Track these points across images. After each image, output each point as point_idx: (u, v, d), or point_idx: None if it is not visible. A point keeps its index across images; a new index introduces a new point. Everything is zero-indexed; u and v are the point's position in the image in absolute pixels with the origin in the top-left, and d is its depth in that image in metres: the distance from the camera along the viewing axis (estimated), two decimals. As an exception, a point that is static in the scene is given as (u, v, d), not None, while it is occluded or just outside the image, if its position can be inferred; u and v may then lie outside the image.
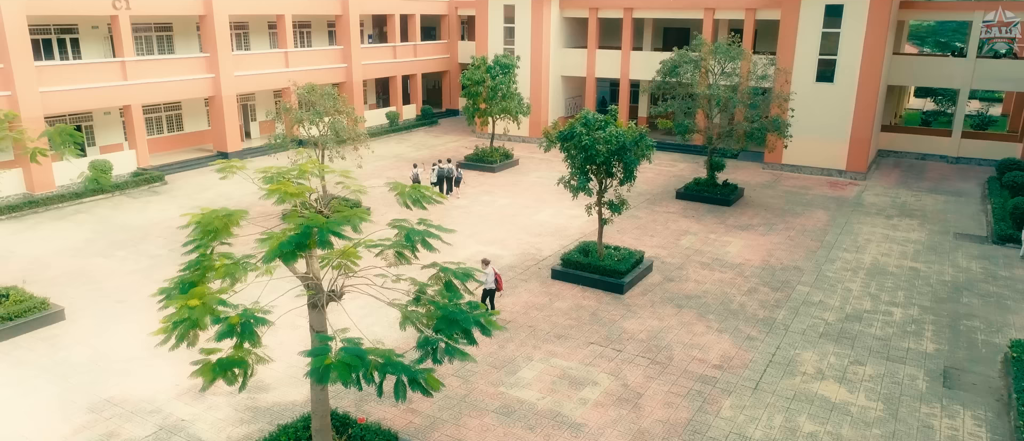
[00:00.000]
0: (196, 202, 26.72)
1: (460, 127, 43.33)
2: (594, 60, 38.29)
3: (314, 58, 37.52)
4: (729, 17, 34.77)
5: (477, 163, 32.18)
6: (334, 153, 23.99)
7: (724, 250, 21.87)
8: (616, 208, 18.55)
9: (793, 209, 26.45)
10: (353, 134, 23.32)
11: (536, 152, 36.49)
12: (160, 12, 30.34)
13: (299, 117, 22.70)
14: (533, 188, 29.21)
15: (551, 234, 23.23)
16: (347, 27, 38.59)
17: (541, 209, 26.13)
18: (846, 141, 30.84)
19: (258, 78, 34.44)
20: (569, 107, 41.41)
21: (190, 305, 8.76)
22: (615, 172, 18.29)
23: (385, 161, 34.14)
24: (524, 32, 37.68)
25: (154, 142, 33.35)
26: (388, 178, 30.66)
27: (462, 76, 31.77)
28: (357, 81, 39.60)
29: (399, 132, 41.54)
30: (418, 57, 44.36)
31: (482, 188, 29.17)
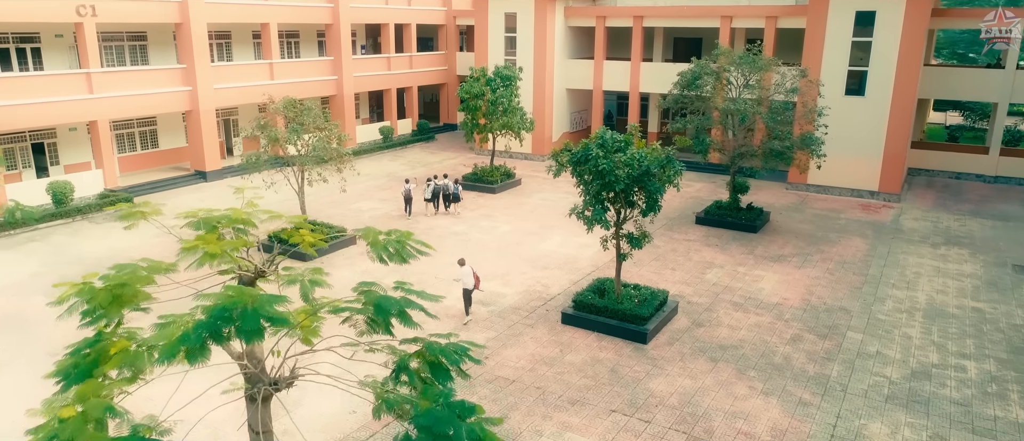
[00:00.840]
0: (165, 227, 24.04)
1: (458, 143, 40.79)
2: (601, 72, 35.81)
3: (302, 70, 35.03)
4: (747, 26, 32.32)
5: (476, 183, 29.60)
6: (315, 174, 21.38)
7: (757, 286, 19.22)
8: (636, 242, 15.93)
9: (827, 236, 23.82)
10: (336, 153, 20.72)
11: (540, 170, 33.91)
12: (130, 20, 27.85)
13: (274, 136, 20.12)
14: (538, 211, 26.60)
15: (560, 267, 20.59)
16: (338, 37, 36.15)
17: (547, 236, 23.51)
18: (879, 160, 28.27)
19: (240, 91, 31.93)
20: (574, 122, 38.89)
21: (63, 417, 6.12)
22: (636, 201, 15.70)
23: (377, 180, 31.55)
24: (526, 42, 35.23)
25: (127, 160, 30.77)
26: (379, 199, 28.05)
27: (459, 89, 29.26)
28: (348, 94, 37.11)
29: (393, 148, 39.00)
30: (414, 69, 41.92)
31: (481, 211, 26.56)
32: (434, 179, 27.03)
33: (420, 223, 25.01)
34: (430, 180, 26.81)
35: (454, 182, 27.07)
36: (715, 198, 27.32)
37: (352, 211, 26.43)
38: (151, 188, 29.26)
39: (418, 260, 8.47)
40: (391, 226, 23.88)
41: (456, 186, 26.61)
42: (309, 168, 20.55)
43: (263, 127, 20.58)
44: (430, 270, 19.53)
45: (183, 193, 29.01)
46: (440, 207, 26.81)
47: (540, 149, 36.06)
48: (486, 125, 29.43)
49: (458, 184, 26.94)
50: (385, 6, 39.33)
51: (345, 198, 27.90)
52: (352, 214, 26.03)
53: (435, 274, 19.51)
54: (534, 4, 34.42)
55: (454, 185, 26.64)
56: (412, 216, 26.44)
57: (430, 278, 19.32)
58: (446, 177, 27.70)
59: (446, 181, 27.02)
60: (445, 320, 16.41)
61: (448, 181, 27.16)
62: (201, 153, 30.76)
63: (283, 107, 20.60)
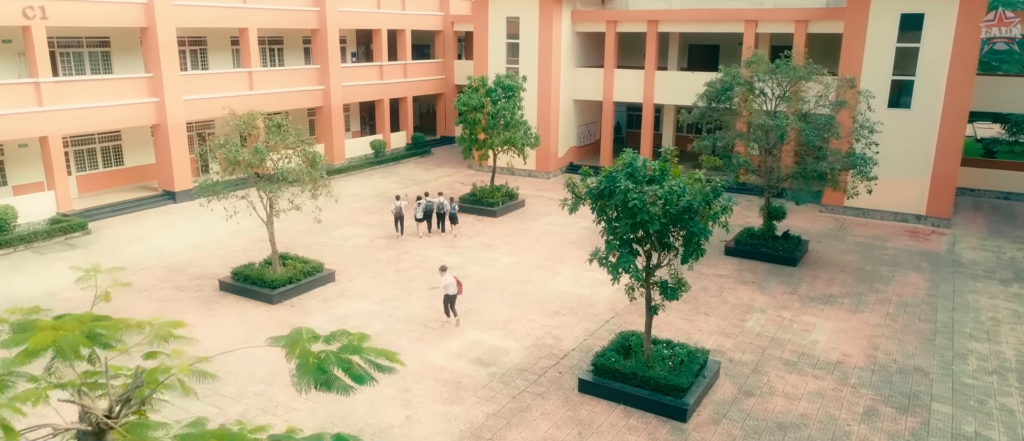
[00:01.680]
0: (117, 257, 21.01)
1: (456, 158, 37.74)
2: (612, 81, 32.80)
3: (285, 79, 32.03)
4: (774, 31, 29.32)
5: (475, 205, 26.51)
6: (286, 202, 18.30)
7: (809, 338, 16.10)
8: (672, 293, 12.84)
9: (877, 270, 20.71)
10: (308, 176, 17.63)
11: (545, 189, 30.83)
12: (87, 23, 24.85)
13: (233, 156, 17.03)
14: (545, 239, 23.50)
15: (572, 311, 17.47)
16: (324, 43, 33.17)
17: (556, 270, 20.40)
18: (926, 180, 25.20)
19: (215, 103, 28.89)
20: (582, 136, 35.85)
21: None
22: (673, 243, 12.63)
23: (365, 201, 28.46)
24: (530, 49, 32.24)
25: (88, 179, 27.72)
26: (365, 224, 24.94)
27: (456, 101, 26.24)
28: (336, 105, 34.10)
29: (385, 164, 35.94)
30: (409, 78, 38.93)
31: (481, 239, 23.45)
32: (425, 196, 24.35)
33: (410, 249, 21.92)
34: (421, 198, 24.11)
35: (450, 200, 24.11)
36: (745, 224, 24.23)
37: (334, 239, 23.34)
38: (112, 211, 26.18)
39: (403, 276, 5.26)
40: (378, 257, 20.79)
41: (453, 205, 23.77)
42: (276, 194, 17.44)
43: (221, 147, 17.49)
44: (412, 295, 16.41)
45: (147, 217, 25.92)
46: (433, 227, 24.08)
47: (545, 166, 33.01)
48: (486, 141, 26.39)
49: (454, 203, 24.10)
50: (377, 10, 36.38)
51: (328, 222, 24.83)
52: (334, 242, 22.94)
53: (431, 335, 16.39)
54: (539, 7, 31.46)
55: (450, 203, 23.72)
56: (403, 236, 23.83)
57: (428, 335, 16.22)
58: (441, 194, 24.72)
59: (441, 199, 24.09)
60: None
61: (443, 199, 24.19)
62: (169, 171, 27.70)
63: (243, 123, 17.50)
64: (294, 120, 35.70)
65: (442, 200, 23.94)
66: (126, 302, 17.66)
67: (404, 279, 19.57)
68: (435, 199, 24.06)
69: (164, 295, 18.36)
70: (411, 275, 19.88)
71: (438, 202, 23.92)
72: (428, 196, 24.74)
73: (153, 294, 18.41)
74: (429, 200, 24.07)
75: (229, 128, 17.64)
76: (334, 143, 34.30)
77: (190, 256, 21.43)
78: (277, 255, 18.61)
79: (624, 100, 33.29)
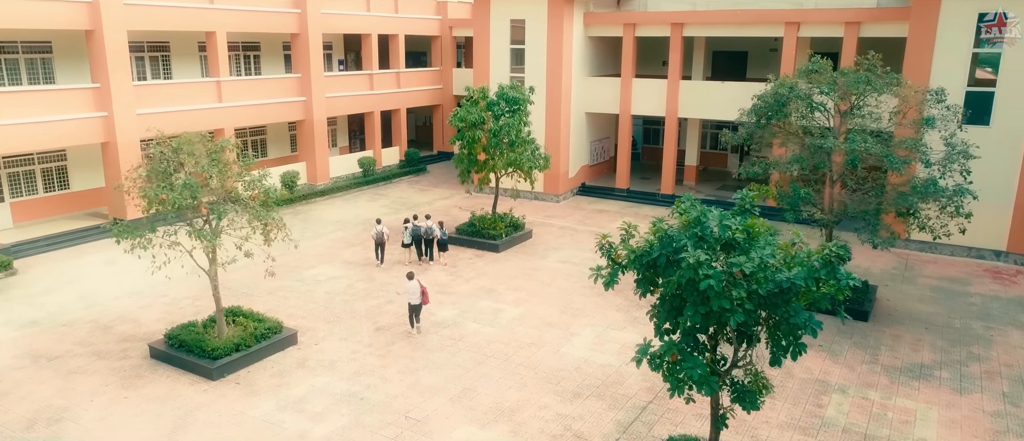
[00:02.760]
0: (37, 307, 17.17)
1: (455, 177, 33.90)
2: (630, 92, 28.97)
3: (260, 89, 28.25)
4: (819, 34, 25.48)
5: (473, 237, 22.66)
6: (235, 246, 14.42)
7: (913, 436, 12.17)
8: (751, 402, 8.96)
9: (969, 327, 16.78)
10: (259, 215, 13.74)
11: (554, 214, 26.94)
12: (22, 25, 21.08)
13: (151, 192, 13.15)
14: (557, 281, 19.61)
15: (597, 393, 13.55)
16: (306, 49, 29.41)
17: (573, 328, 16.50)
18: (1008, 210, 21.30)
19: (177, 117, 25.15)
20: (595, 153, 32.01)
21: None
22: (759, 336, 8.77)
23: (347, 230, 24.58)
24: (538, 55, 28.44)
25: (25, 206, 23.91)
26: (344, 260, 21.05)
27: (452, 116, 22.41)
28: (319, 119, 30.31)
29: (375, 184, 32.13)
30: (402, 88, 35.15)
31: (481, 282, 19.56)
32: (413, 220, 21.45)
33: (393, 295, 18.02)
34: (408, 221, 21.27)
35: (439, 225, 21.27)
36: (794, 262, 20.30)
37: (305, 281, 19.47)
38: (49, 245, 22.37)
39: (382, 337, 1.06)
40: (354, 308, 17.15)
41: (442, 230, 21.20)
42: (207, 242, 13.48)
43: (150, 176, 13.61)
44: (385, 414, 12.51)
45: (88, 252, 22.10)
46: (422, 254, 21.30)
47: (554, 188, 29.14)
48: (487, 162, 22.55)
49: (443, 227, 21.46)
50: (366, 13, 32.65)
51: (301, 258, 21.00)
52: (304, 287, 19.07)
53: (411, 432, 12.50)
54: (547, 9, 27.69)
55: (439, 228, 21.11)
56: (384, 265, 20.77)
57: (407, 432, 12.32)
58: (428, 218, 21.49)
59: (429, 223, 21.12)
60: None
61: (430, 223, 21.15)
62: (121, 196, 23.85)
63: (174, 150, 13.56)
64: (274, 136, 31.97)
65: (430, 225, 21.03)
66: (24, 376, 13.80)
67: (383, 341, 15.69)
68: (423, 224, 21.13)
69: (78, 365, 14.49)
70: (392, 335, 16.00)
71: (426, 227, 20.97)
72: (416, 220, 21.44)
73: (64, 364, 14.53)
74: (417, 225, 21.13)
75: (154, 154, 13.74)
76: (317, 161, 30.51)
77: (125, 307, 17.56)
78: (222, 314, 14.72)
79: (644, 113, 29.47)
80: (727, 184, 31.07)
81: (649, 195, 29.29)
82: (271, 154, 31.96)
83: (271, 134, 31.80)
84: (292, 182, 28.70)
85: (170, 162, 13.47)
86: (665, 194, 28.96)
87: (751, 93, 26.14)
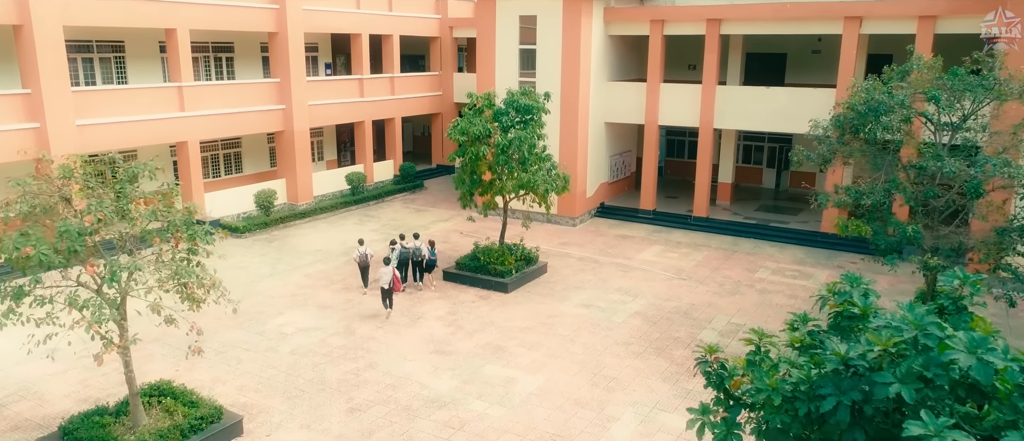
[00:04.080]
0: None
1: (455, 194, 30.05)
2: (657, 100, 25.14)
3: (231, 96, 24.46)
4: (886, 31, 21.64)
5: (477, 274, 18.79)
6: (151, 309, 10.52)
7: None
8: None
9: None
10: (178, 273, 9.83)
11: (571, 241, 23.04)
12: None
13: (10, 247, 9.28)
14: (582, 336, 15.69)
15: (653, 522, 9.63)
16: (285, 51, 25.63)
17: (610, 410, 12.57)
18: None
19: (128, 130, 21.41)
20: (615, 169, 28.14)
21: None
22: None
23: (329, 261, 20.71)
24: (551, 58, 24.63)
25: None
26: (320, 304, 17.14)
27: (452, 127, 18.55)
28: (301, 129, 26.50)
29: (365, 203, 28.28)
30: (397, 95, 31.37)
31: (486, 337, 15.64)
32: (401, 241, 18.85)
33: (376, 352, 14.11)
34: (395, 243, 18.57)
35: (429, 244, 18.82)
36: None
37: (267, 335, 15.58)
38: (-36, 282, 18.48)
39: None
40: (326, 375, 13.05)
41: (431, 250, 18.72)
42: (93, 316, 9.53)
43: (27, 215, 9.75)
44: None
45: (13, 291, 18.18)
46: (408, 278, 18.71)
47: (569, 210, 25.25)
48: (493, 183, 18.71)
49: (433, 246, 18.93)
50: (355, 10, 28.90)
51: (263, 303, 17.16)
52: (265, 342, 15.18)
53: None
54: (562, 4, 23.90)
55: (428, 248, 18.69)
56: (368, 291, 17.98)
57: None
58: (417, 237, 19.01)
59: (417, 243, 18.65)
60: None
61: (419, 243, 18.68)
62: (58, 223, 20.01)
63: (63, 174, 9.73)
64: (250, 149, 28.15)
65: (419, 246, 18.58)
66: None
67: (359, 431, 11.79)
68: (412, 244, 18.62)
69: (-63, 471, 10.61)
70: (372, 419, 12.10)
71: (415, 247, 18.52)
72: (404, 241, 18.87)
73: (-81, 469, 10.66)
74: (405, 246, 18.53)
75: (23, 188, 9.85)
76: (298, 178, 26.68)
77: (31, 375, 13.68)
78: (138, 402, 10.83)
79: (673, 123, 25.66)
80: (767, 205, 27.20)
81: (679, 218, 25.40)
82: (247, 170, 28.15)
83: (247, 147, 28.00)
84: (268, 202, 24.88)
85: (50, 197, 9.61)
86: (698, 217, 25.07)
87: (803, 100, 22.51)
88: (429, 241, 19.06)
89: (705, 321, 16.53)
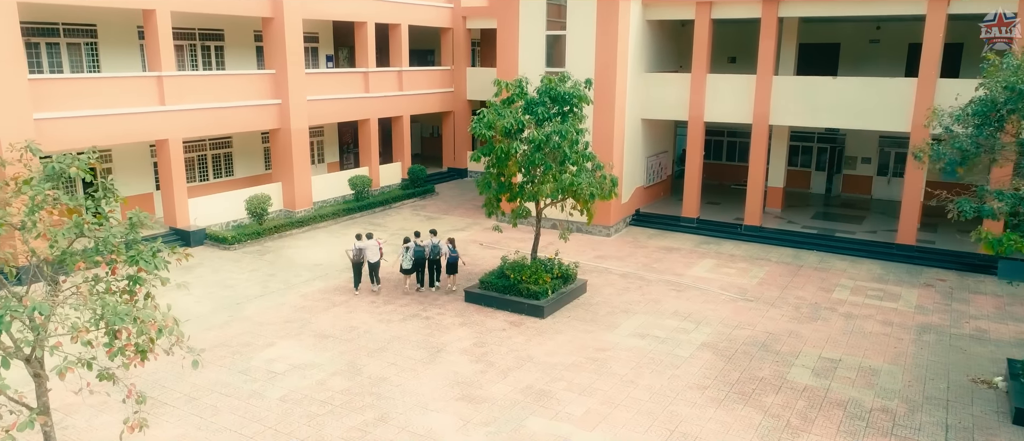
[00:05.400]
0: None
1: (470, 201, 27.13)
2: (703, 93, 22.14)
3: (219, 89, 21.51)
4: (977, 10, 18.62)
5: (504, 295, 15.74)
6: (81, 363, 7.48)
7: None
8: None
9: None
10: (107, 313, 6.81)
11: (608, 254, 19.98)
12: None
13: None
14: (642, 375, 12.64)
15: None
16: (281, 39, 22.69)
17: (697, 481, 9.53)
18: None
19: (98, 124, 18.47)
20: (652, 172, 25.12)
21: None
22: None
23: (329, 277, 17.68)
24: (582, 46, 21.66)
25: None
26: (316, 333, 14.11)
27: (475, 121, 15.47)
28: (299, 127, 23.53)
29: (370, 209, 25.28)
30: (405, 90, 28.43)
31: (524, 376, 12.58)
32: (416, 238, 17.03)
33: (388, 375, 11.06)
34: (408, 241, 16.79)
35: (448, 242, 16.88)
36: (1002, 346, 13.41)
37: (252, 378, 12.54)
38: None
39: None
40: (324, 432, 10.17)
41: (452, 247, 16.76)
42: None
43: None
44: None
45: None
46: (425, 282, 17.00)
47: (603, 217, 22.15)
48: (526, 188, 15.67)
49: (453, 244, 16.92)
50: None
51: (252, 330, 14.15)
52: (248, 389, 12.13)
53: None
54: (596, -18, 20.98)
55: (449, 246, 16.76)
56: (360, 292, 16.75)
57: None
58: (434, 234, 17.30)
59: (434, 240, 16.95)
60: None
61: (436, 240, 16.98)
62: (11, 237, 17.02)
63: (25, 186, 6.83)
64: (242, 149, 25.18)
65: (437, 242, 16.87)
66: None
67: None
68: (428, 241, 16.89)
69: None
70: None
71: (431, 245, 16.78)
72: (419, 238, 17.05)
73: None
74: (420, 244, 16.81)
75: None
76: (296, 181, 23.70)
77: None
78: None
79: (721, 120, 22.63)
80: (822, 212, 24.18)
81: (728, 228, 22.38)
82: (239, 173, 25.17)
83: (239, 147, 25.04)
84: (262, 209, 21.91)
85: None
86: (750, 226, 22.05)
87: (880, 91, 19.39)
88: (449, 239, 17.01)
89: (790, 355, 13.49)
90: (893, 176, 25.87)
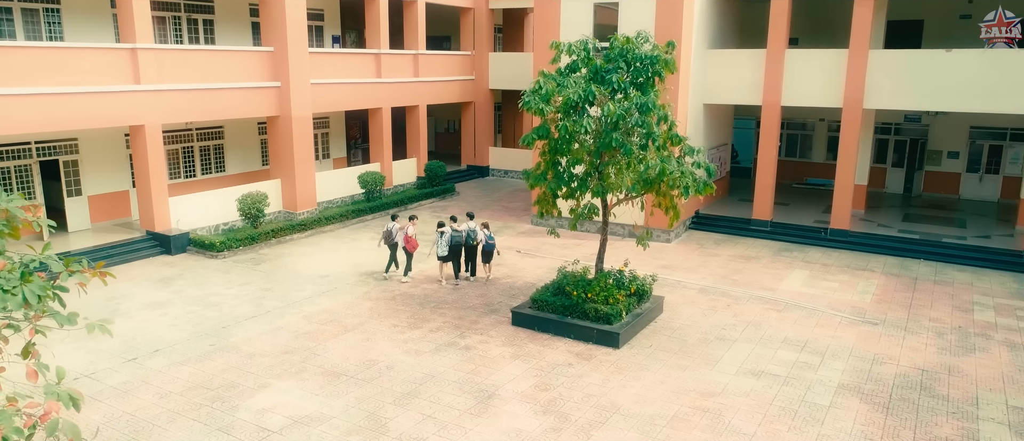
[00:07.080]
0: None
1: (493, 199, 23.68)
2: (780, 73, 18.67)
3: (207, 67, 18.06)
4: None
5: (565, 317, 12.23)
6: None
7: None
8: None
9: None
10: None
11: (674, 263, 16.46)
12: None
13: None
14: (779, 433, 9.11)
15: None
16: (281, 13, 19.27)
17: None
18: None
19: (56, 106, 15.04)
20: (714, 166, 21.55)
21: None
22: None
23: (337, 293, 14.18)
24: (640, 13, 18.20)
25: None
26: (320, 366, 10.61)
27: (529, 93, 11.89)
28: (301, 115, 20.08)
29: (383, 211, 21.80)
30: (421, 77, 25.00)
31: (611, 435, 9.06)
32: (453, 222, 15.35)
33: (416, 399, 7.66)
34: (442, 226, 15.05)
35: (483, 227, 15.43)
36: None
37: (239, 427, 9.02)
38: None
39: None
40: None
41: (488, 233, 15.27)
42: None
43: None
44: None
45: None
46: (464, 270, 15.44)
47: (660, 220, 18.61)
48: (587, 178, 12.14)
49: (489, 229, 15.49)
50: (372, -36, 22.60)
51: (240, 367, 10.65)
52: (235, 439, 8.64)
53: None
54: (657, -61, 17.53)
55: (484, 231, 15.28)
56: (389, 277, 15.36)
57: None
58: (472, 218, 15.82)
59: (471, 224, 15.38)
60: None
61: (473, 224, 15.45)
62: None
63: None
64: (236, 140, 21.74)
65: (473, 227, 15.30)
66: None
67: None
68: (465, 226, 15.23)
69: None
70: None
71: (468, 230, 15.15)
72: (456, 223, 15.42)
73: None
74: (457, 229, 15.10)
75: None
76: (297, 178, 20.24)
77: None
78: None
79: (803, 104, 19.13)
80: (913, 214, 20.68)
81: (809, 232, 18.89)
82: (232, 168, 21.74)
83: (231, 138, 21.61)
84: (257, 209, 18.47)
85: None
86: (838, 230, 18.54)
87: (1014, 64, 16.04)
88: (483, 223, 15.61)
89: (965, 403, 9.97)
90: (987, 172, 22.41)
